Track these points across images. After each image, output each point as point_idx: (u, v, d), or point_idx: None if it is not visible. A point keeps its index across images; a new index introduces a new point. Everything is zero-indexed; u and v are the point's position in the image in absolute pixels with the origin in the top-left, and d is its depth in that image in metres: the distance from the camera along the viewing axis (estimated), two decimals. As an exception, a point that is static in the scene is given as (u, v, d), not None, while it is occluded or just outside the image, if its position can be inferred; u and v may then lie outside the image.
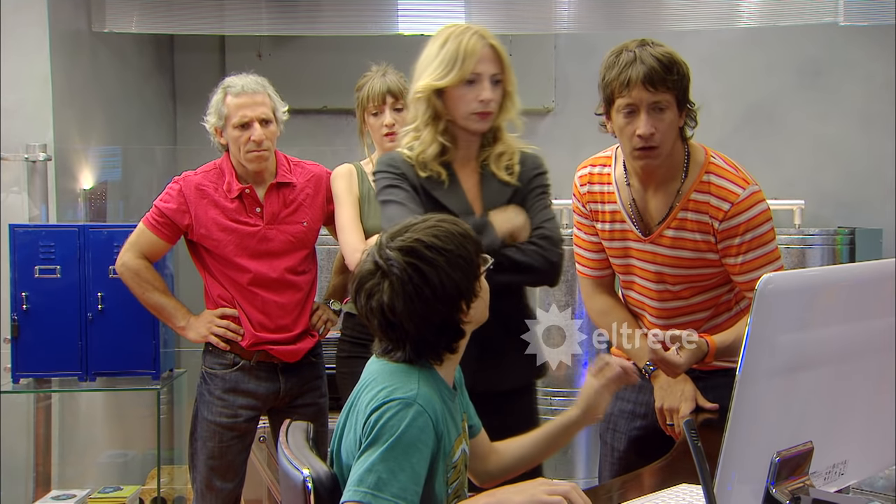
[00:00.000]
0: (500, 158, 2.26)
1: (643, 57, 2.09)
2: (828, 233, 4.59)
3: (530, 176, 2.28)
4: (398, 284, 1.61)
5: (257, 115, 2.86)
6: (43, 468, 3.82)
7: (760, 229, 2.17)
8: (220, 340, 2.94)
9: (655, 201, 2.25)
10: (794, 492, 1.29)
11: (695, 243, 2.21)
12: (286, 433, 1.80)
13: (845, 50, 5.12)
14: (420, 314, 1.62)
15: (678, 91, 2.14)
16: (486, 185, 2.24)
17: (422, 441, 1.56)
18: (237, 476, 3.02)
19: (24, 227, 3.41)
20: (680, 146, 2.23)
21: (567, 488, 1.58)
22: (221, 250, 2.92)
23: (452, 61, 2.14)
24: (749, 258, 2.17)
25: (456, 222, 1.71)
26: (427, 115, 2.19)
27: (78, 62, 4.25)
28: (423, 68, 2.20)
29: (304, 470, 1.62)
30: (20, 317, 3.33)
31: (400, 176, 2.20)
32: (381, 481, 1.52)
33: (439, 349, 1.68)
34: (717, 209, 2.17)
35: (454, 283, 1.63)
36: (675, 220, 2.22)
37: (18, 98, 3.83)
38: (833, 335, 1.35)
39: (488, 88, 2.17)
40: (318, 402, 3.05)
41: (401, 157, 2.24)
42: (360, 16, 4.62)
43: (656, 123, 2.12)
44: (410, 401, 1.57)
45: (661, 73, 2.09)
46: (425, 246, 1.63)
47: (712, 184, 2.19)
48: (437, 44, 2.19)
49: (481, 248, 1.72)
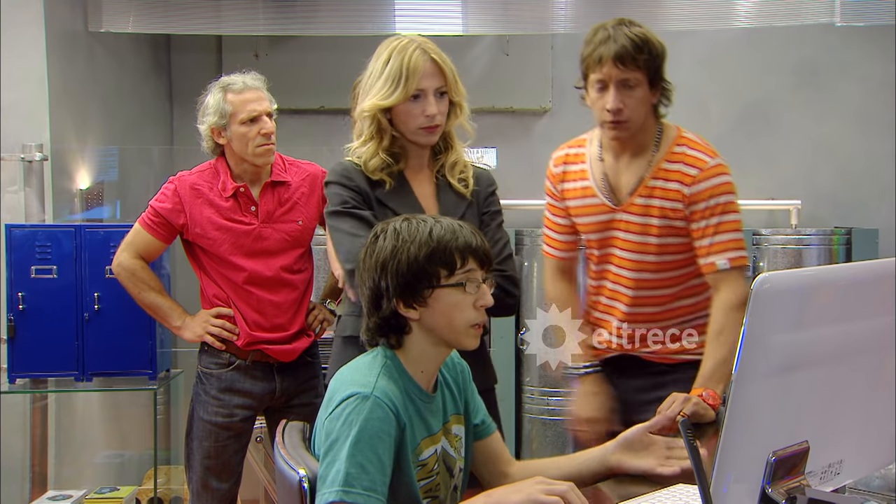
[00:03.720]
0: (454, 168, 2.30)
1: (616, 36, 2.23)
2: (824, 233, 4.60)
3: (486, 194, 2.32)
4: (392, 237, 1.70)
5: (265, 108, 2.91)
6: (39, 468, 3.81)
7: (725, 197, 2.29)
8: (215, 340, 2.94)
9: (627, 173, 2.36)
10: (790, 492, 1.29)
11: (662, 210, 2.31)
12: (283, 433, 1.81)
13: (842, 50, 5.12)
14: (370, 275, 1.70)
15: (649, 70, 2.26)
16: (442, 195, 2.27)
17: (383, 431, 1.58)
18: (233, 476, 3.02)
19: (20, 227, 3.41)
20: (652, 122, 2.35)
21: (564, 488, 1.57)
22: (216, 249, 2.92)
23: (396, 79, 2.18)
24: (713, 223, 2.28)
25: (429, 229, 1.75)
26: (372, 130, 2.24)
27: (74, 62, 4.24)
28: (369, 86, 2.23)
29: (301, 470, 1.63)
30: (17, 317, 3.32)
31: (353, 190, 2.21)
32: (351, 476, 1.53)
33: (385, 330, 1.72)
34: (685, 175, 2.30)
35: (420, 264, 1.67)
36: (645, 189, 2.33)
37: (15, 98, 3.83)
38: (829, 335, 1.35)
39: (433, 103, 2.20)
40: (314, 401, 3.05)
41: (353, 166, 2.26)
42: (357, 16, 4.62)
43: (625, 99, 2.26)
44: (367, 394, 1.60)
45: (631, 52, 2.22)
46: (420, 221, 1.73)
47: (684, 154, 2.32)
48: (381, 61, 2.22)
49: (441, 262, 1.71)
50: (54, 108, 3.95)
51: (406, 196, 2.23)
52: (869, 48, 5.06)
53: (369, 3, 4.64)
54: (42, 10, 3.90)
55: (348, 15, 4.61)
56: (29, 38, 3.88)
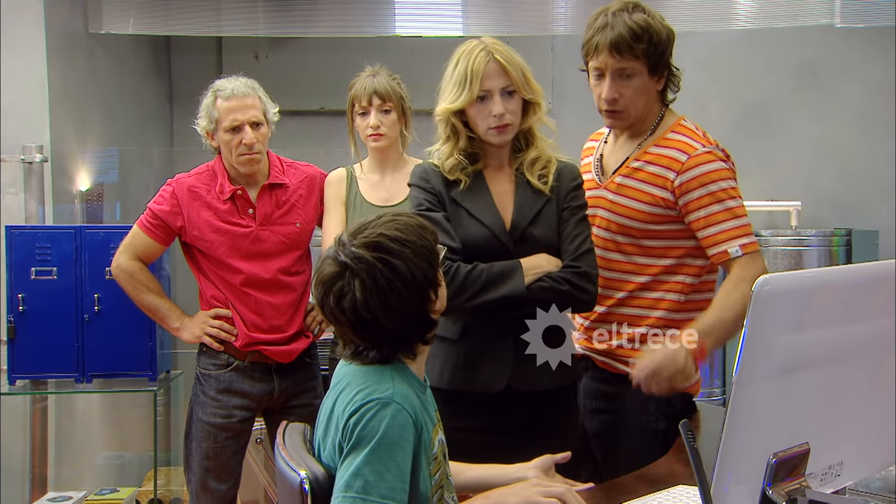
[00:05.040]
0: (534, 165, 2.28)
1: (614, 23, 2.17)
2: (824, 234, 4.60)
3: (568, 189, 2.28)
4: (369, 280, 1.60)
5: (248, 118, 2.87)
6: (39, 470, 3.81)
7: (719, 184, 2.18)
8: (213, 341, 2.94)
9: (618, 153, 2.33)
10: (791, 493, 1.29)
11: (645, 194, 2.23)
12: (283, 434, 1.80)
13: (842, 51, 5.12)
14: (394, 307, 1.62)
15: (649, 58, 2.18)
16: (519, 192, 2.26)
17: (403, 438, 1.56)
18: (232, 477, 3.02)
19: (20, 229, 3.41)
20: (657, 108, 2.29)
21: (562, 490, 1.58)
22: (214, 251, 2.92)
23: (462, 83, 2.21)
24: (714, 210, 2.17)
25: (411, 215, 1.73)
26: (446, 132, 2.27)
27: (75, 64, 4.25)
28: (442, 90, 2.27)
29: (301, 471, 1.62)
30: (17, 318, 3.32)
31: (429, 192, 2.24)
32: (369, 484, 1.52)
33: (413, 342, 1.68)
34: (674, 160, 2.21)
35: (422, 272, 1.64)
36: (626, 168, 2.27)
37: (15, 99, 3.83)
38: (829, 336, 1.35)
39: (499, 103, 2.20)
40: (312, 402, 3.04)
41: (432, 168, 2.28)
42: (357, 17, 4.62)
43: (621, 89, 2.21)
44: (388, 400, 1.57)
45: (627, 41, 2.15)
46: (390, 239, 1.63)
47: (673, 139, 2.24)
48: (451, 65, 2.26)
49: (437, 237, 1.73)
50: (54, 110, 3.95)
51: (481, 194, 2.24)
52: (869, 49, 5.06)
53: (369, 5, 4.64)
54: (42, 11, 3.90)
55: (348, 16, 4.61)
56: (29, 39, 3.89)
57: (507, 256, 2.17)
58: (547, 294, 2.14)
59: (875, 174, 5.07)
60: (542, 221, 2.23)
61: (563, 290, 2.15)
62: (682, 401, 2.26)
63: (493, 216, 2.21)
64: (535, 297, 2.13)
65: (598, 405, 2.33)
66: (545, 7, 4.64)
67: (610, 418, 2.31)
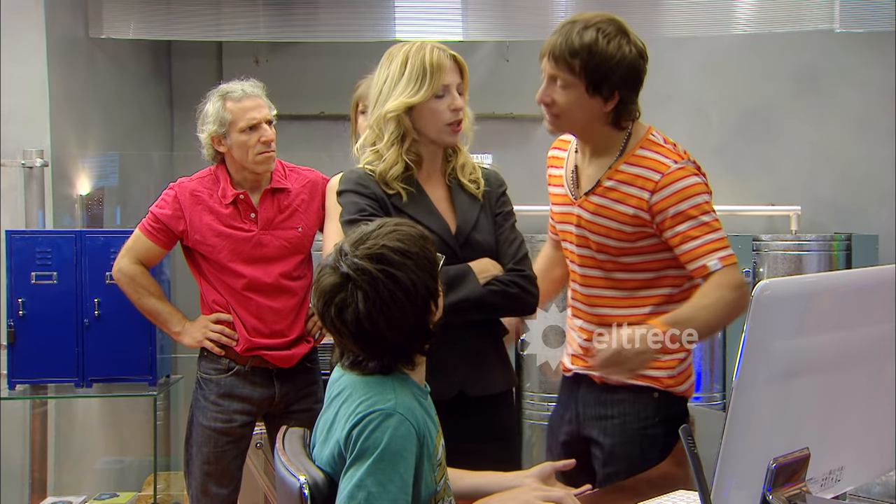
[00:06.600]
0: (464, 170, 2.29)
1: (563, 32, 2.18)
2: (824, 239, 4.60)
3: (497, 195, 2.31)
4: (372, 292, 1.59)
5: (264, 116, 2.92)
6: (39, 475, 3.81)
7: (695, 200, 2.16)
8: (214, 345, 2.94)
9: (590, 170, 2.30)
10: (791, 498, 1.29)
11: (620, 214, 2.22)
12: (283, 439, 1.80)
13: (841, 56, 5.13)
14: (396, 319, 1.61)
15: (587, 76, 2.16)
16: (456, 198, 2.26)
17: (406, 449, 1.56)
18: (232, 481, 3.02)
19: (20, 234, 3.41)
20: (607, 130, 2.24)
21: (561, 494, 1.58)
22: (216, 256, 2.92)
23: (420, 78, 2.17)
24: (687, 227, 2.15)
25: (412, 225, 1.71)
26: (394, 135, 2.21)
27: (75, 68, 4.25)
28: (387, 90, 2.21)
29: (301, 476, 1.62)
30: (17, 323, 3.32)
31: (370, 197, 2.20)
32: (372, 495, 1.52)
33: (412, 353, 1.68)
34: (647, 180, 2.19)
35: (424, 284, 1.63)
36: (601, 188, 2.24)
37: (15, 104, 3.83)
38: (829, 341, 1.36)
39: (458, 97, 2.21)
40: (313, 407, 3.04)
41: (366, 174, 2.24)
42: (357, 22, 4.63)
43: (553, 94, 2.22)
44: (391, 411, 1.57)
45: (563, 53, 2.16)
46: (393, 251, 1.62)
47: (644, 157, 2.21)
48: (398, 63, 2.20)
49: (437, 247, 1.72)
50: (55, 114, 3.96)
51: (421, 201, 2.22)
52: (868, 54, 5.07)
53: (369, 10, 4.65)
54: (43, 16, 3.90)
55: (348, 21, 4.61)
56: (30, 43, 3.89)
57: (455, 262, 2.16)
58: (498, 297, 2.17)
59: (875, 179, 5.07)
60: (481, 226, 2.25)
61: (512, 292, 2.18)
62: (679, 406, 2.26)
63: (438, 222, 2.20)
64: (489, 301, 2.16)
65: (598, 412, 2.33)
66: (545, 12, 4.65)
67: (609, 424, 2.31)
